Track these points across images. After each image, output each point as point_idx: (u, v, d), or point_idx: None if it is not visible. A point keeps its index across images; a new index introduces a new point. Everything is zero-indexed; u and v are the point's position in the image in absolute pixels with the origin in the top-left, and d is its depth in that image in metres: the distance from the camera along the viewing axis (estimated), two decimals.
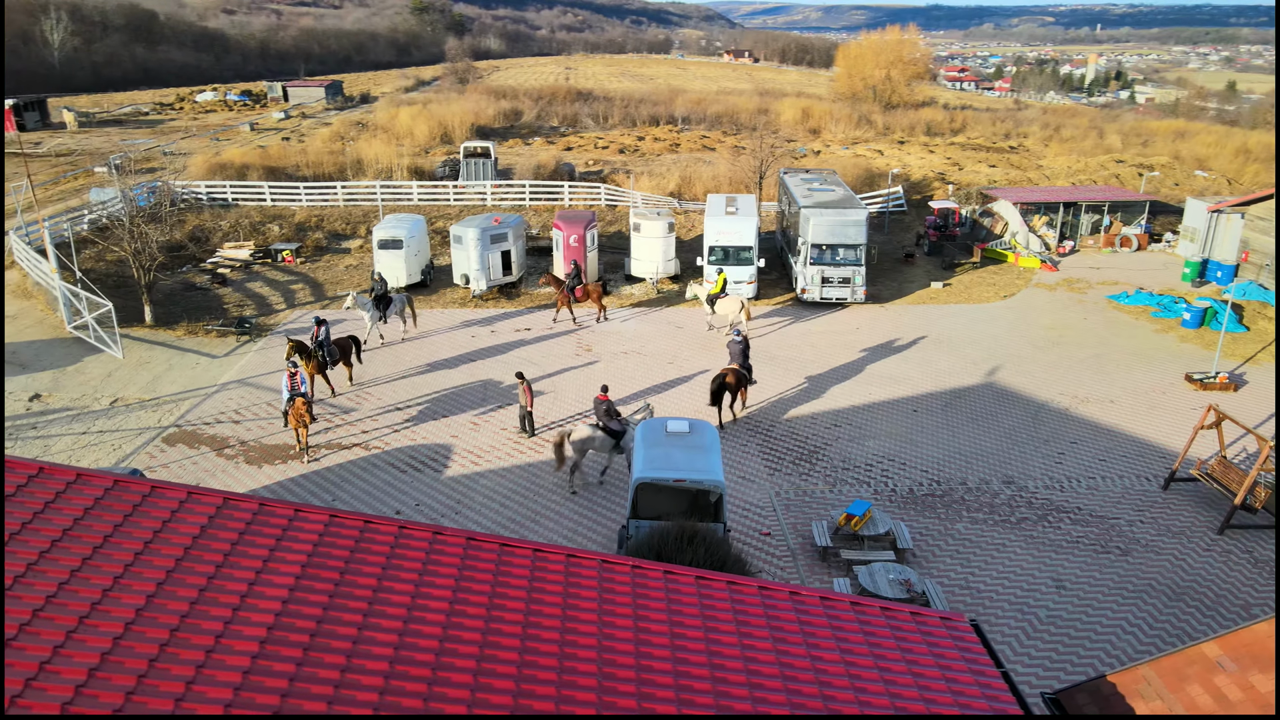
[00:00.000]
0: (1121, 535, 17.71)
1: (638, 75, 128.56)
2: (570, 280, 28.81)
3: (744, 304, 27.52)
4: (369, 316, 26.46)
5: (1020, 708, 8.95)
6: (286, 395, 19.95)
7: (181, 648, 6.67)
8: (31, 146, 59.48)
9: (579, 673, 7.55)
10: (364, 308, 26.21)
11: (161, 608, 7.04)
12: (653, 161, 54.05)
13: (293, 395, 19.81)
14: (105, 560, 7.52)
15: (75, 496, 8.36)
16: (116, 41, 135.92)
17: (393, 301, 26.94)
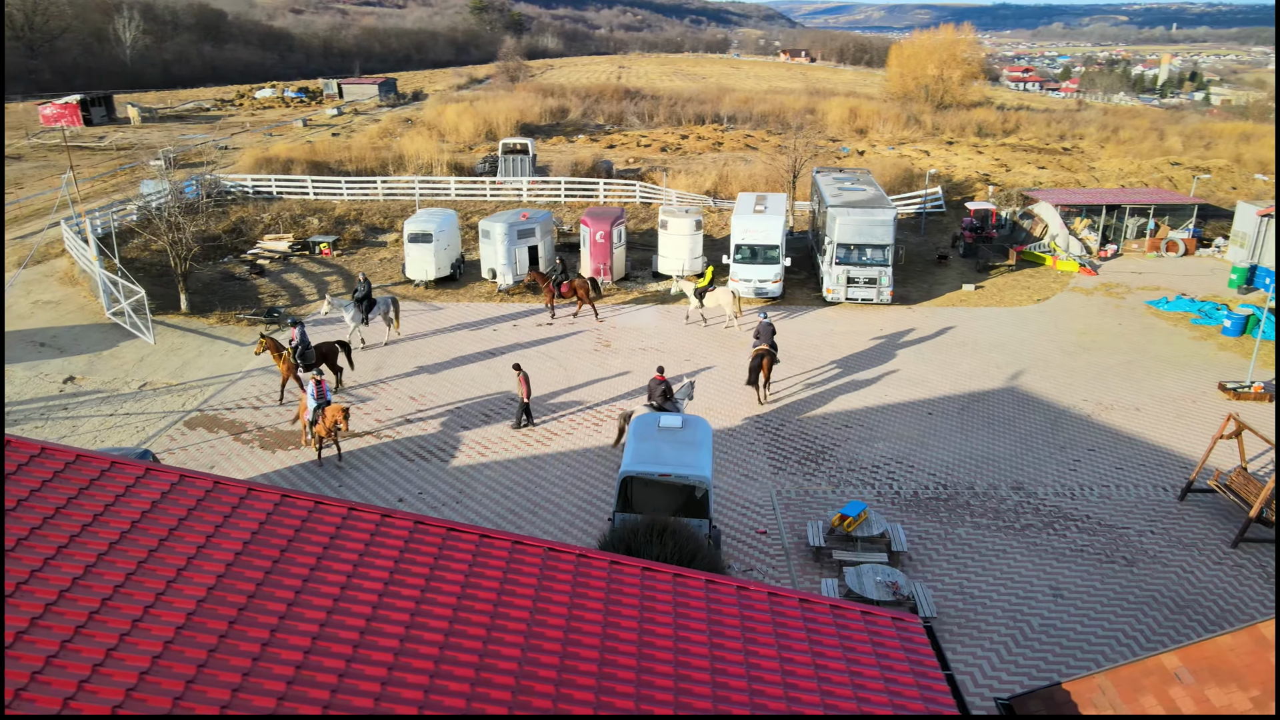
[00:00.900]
0: (1129, 545, 17.23)
1: (690, 74, 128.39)
2: (557, 276, 28.98)
3: (735, 296, 27.52)
4: (349, 318, 25.93)
5: (959, 710, 8.83)
6: (315, 403, 19.34)
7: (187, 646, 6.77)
8: (95, 140, 61.77)
9: (540, 664, 7.60)
10: (344, 309, 25.83)
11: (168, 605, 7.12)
12: (693, 160, 53.98)
13: (321, 403, 19.32)
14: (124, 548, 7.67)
15: (73, 477, 8.59)
16: (186, 40, 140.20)
17: (376, 304, 26.40)
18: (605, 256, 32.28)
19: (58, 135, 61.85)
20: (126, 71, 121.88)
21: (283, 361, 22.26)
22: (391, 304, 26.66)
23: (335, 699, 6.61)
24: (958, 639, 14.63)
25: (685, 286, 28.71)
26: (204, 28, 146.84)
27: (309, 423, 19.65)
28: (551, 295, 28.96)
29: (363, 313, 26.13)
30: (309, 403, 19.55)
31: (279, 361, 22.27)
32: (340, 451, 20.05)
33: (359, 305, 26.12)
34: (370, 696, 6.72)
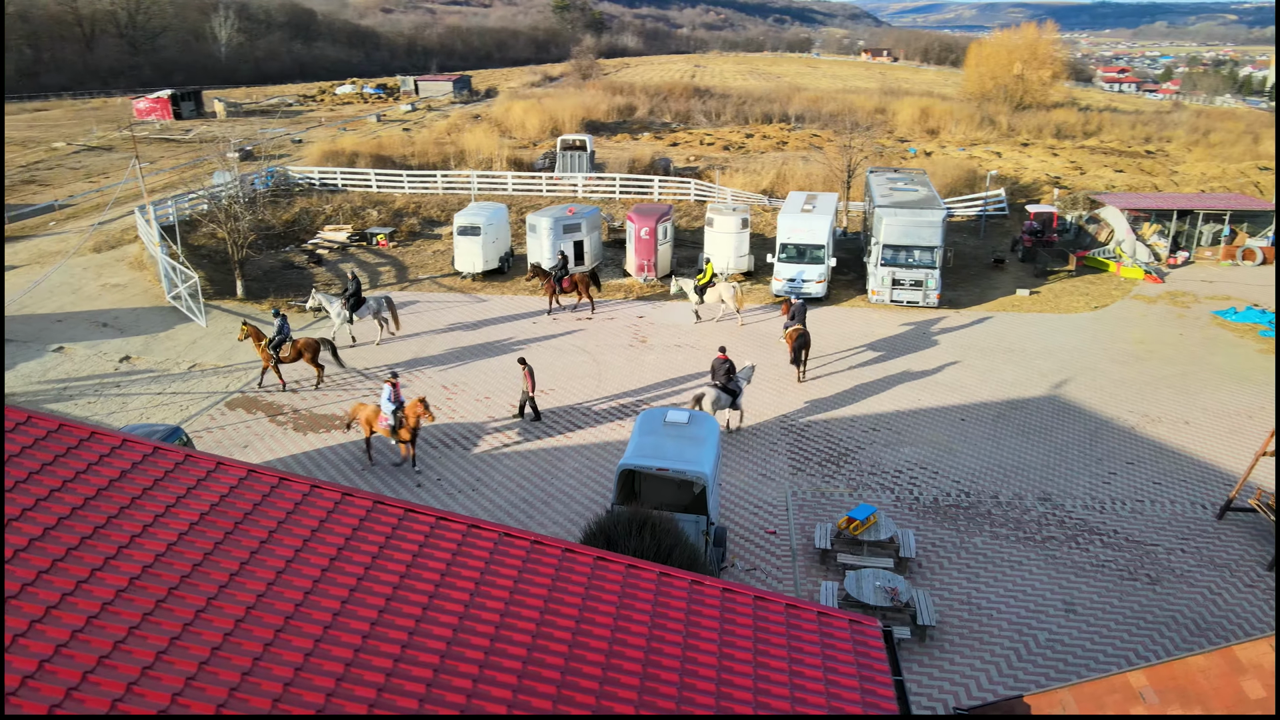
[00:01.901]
0: (1155, 563, 16.50)
1: (765, 73, 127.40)
2: (558, 271, 29.00)
3: (736, 290, 27.55)
4: (334, 314, 25.90)
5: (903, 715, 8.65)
6: (392, 406, 18.95)
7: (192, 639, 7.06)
8: (182, 133, 64.57)
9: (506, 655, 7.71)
10: (330, 305, 25.75)
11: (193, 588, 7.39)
12: (755, 159, 53.58)
13: (399, 404, 19.08)
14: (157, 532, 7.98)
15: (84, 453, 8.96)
16: (277, 38, 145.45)
17: (365, 303, 26.13)
18: (650, 253, 32.32)
19: (147, 128, 64.90)
20: (220, 68, 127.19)
21: (262, 350, 22.82)
22: (385, 303, 26.33)
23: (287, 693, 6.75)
24: (958, 649, 14.25)
25: (685, 284, 28.61)
26: (295, 26, 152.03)
27: (391, 428, 19.01)
28: (552, 291, 29.00)
29: (348, 310, 25.87)
30: (385, 406, 18.98)
31: (259, 349, 22.84)
32: (415, 457, 19.56)
33: (345, 302, 25.89)
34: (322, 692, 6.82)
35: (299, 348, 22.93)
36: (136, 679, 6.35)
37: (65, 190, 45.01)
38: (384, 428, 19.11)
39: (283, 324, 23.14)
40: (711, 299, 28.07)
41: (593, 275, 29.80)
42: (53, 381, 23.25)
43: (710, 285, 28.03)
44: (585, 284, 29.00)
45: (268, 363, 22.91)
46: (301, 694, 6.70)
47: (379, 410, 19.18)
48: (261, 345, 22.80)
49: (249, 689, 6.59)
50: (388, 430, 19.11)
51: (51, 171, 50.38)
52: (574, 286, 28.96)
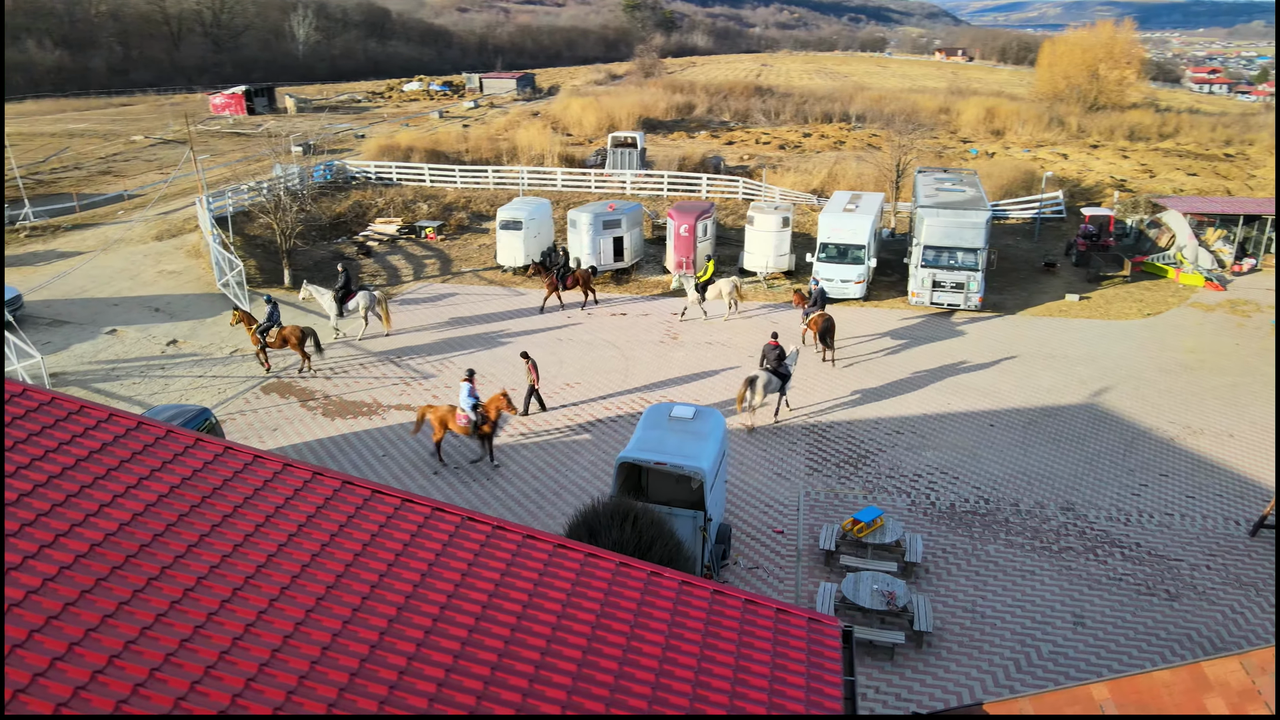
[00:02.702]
0: (1177, 579, 15.87)
1: (833, 73, 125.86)
2: (560, 269, 28.98)
3: (736, 286, 27.66)
4: (327, 306, 26.31)
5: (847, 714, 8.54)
6: (472, 401, 18.92)
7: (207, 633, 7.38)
8: (253, 128, 66.72)
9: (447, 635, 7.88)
10: (319, 295, 26.13)
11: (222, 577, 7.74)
12: (810, 158, 53.01)
13: (477, 401, 19.09)
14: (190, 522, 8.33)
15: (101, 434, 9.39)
16: (353, 37, 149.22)
17: (355, 296, 26.33)
18: (689, 250, 32.27)
19: (220, 122, 67.27)
20: (298, 65, 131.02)
21: (251, 334, 23.54)
22: (375, 300, 26.41)
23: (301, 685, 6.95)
24: (955, 656, 13.93)
25: (685, 281, 28.45)
26: (370, 25, 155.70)
27: (472, 425, 18.96)
28: (553, 288, 29.01)
29: (338, 303, 26.19)
30: (464, 403, 18.95)
31: (250, 333, 23.61)
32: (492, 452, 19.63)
33: (335, 295, 26.23)
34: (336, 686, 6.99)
35: (284, 334, 23.55)
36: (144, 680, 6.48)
37: (137, 181, 46.95)
38: (463, 425, 19.00)
39: (272, 310, 23.93)
40: (712, 295, 27.99)
41: (592, 270, 29.90)
42: (103, 362, 24.31)
43: (711, 282, 27.90)
44: (585, 279, 29.09)
45: (258, 346, 23.66)
46: (315, 688, 6.81)
47: (454, 409, 19.11)
48: (252, 330, 23.59)
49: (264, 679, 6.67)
50: (466, 428, 19.02)
51: (127, 163, 52.58)
52: (576, 283, 29.02)
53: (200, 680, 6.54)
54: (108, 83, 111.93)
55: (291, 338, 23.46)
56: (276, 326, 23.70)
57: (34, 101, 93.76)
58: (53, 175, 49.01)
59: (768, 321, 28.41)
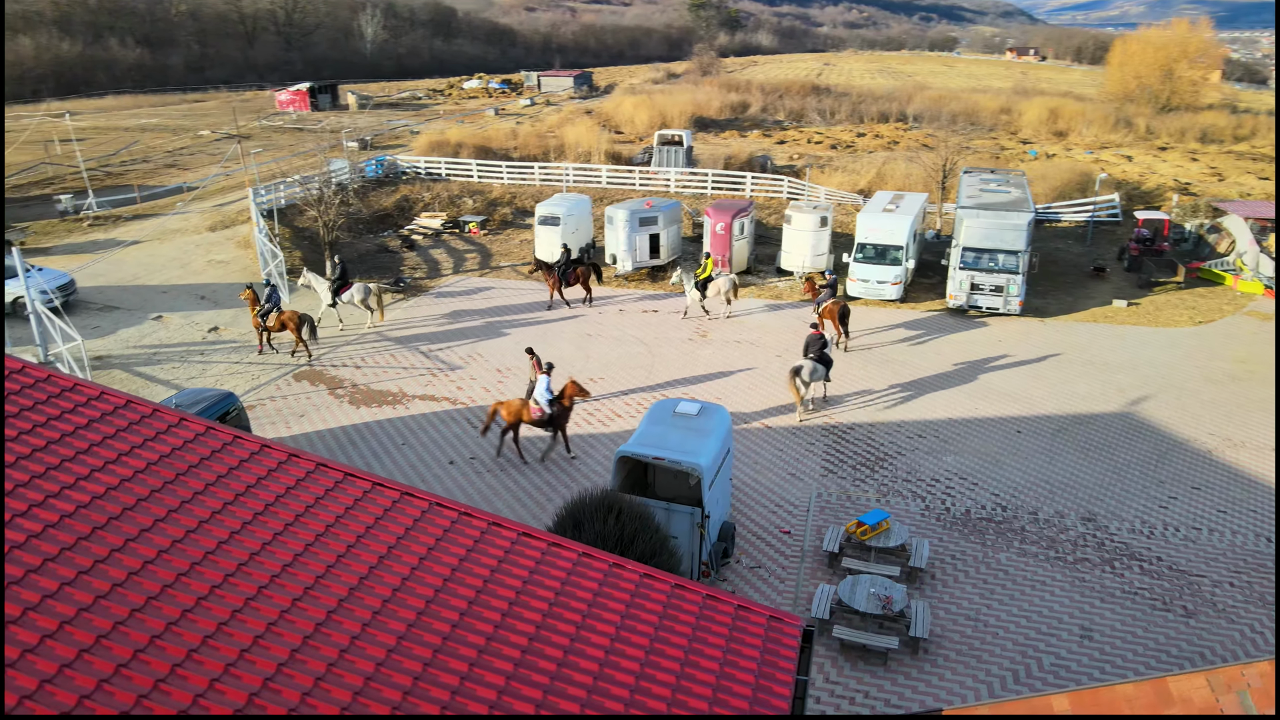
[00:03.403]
0: (1196, 595, 15.27)
1: (896, 72, 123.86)
2: (560, 266, 28.92)
3: (735, 283, 27.70)
4: (322, 295, 26.79)
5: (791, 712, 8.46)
6: (549, 396, 19.15)
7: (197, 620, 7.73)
8: (315, 124, 68.43)
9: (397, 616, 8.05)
10: (316, 284, 26.61)
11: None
12: (860, 158, 52.29)
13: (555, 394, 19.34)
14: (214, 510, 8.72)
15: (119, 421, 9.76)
16: (419, 35, 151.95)
17: (349, 288, 26.70)
18: (725, 248, 32.12)
19: (284, 118, 69.12)
20: (365, 63, 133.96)
21: (254, 315, 24.48)
22: (370, 293, 26.71)
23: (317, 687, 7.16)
24: (951, 665, 13.63)
25: (685, 279, 28.37)
26: (436, 24, 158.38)
27: (545, 418, 19.13)
28: (556, 285, 28.94)
29: (332, 293, 26.63)
30: (541, 396, 19.11)
31: (252, 314, 24.53)
32: (568, 442, 19.83)
33: (330, 285, 26.71)
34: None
35: (282, 319, 24.27)
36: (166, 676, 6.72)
37: (199, 174, 48.55)
38: (538, 417, 19.14)
39: (272, 293, 24.78)
40: (712, 293, 27.98)
41: (594, 266, 29.81)
42: (146, 346, 25.22)
43: (710, 280, 27.74)
44: (587, 277, 29.07)
45: (259, 326, 24.50)
46: (330, 690, 6.98)
47: (525, 402, 19.26)
48: (254, 311, 24.46)
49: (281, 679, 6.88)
50: (540, 420, 19.14)
51: (192, 157, 54.41)
52: (578, 280, 29.01)
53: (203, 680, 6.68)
54: (184, 79, 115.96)
55: (290, 322, 24.26)
56: (276, 310, 24.56)
57: (114, 97, 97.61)
58: (122, 167, 50.99)
59: (796, 320, 28.13)
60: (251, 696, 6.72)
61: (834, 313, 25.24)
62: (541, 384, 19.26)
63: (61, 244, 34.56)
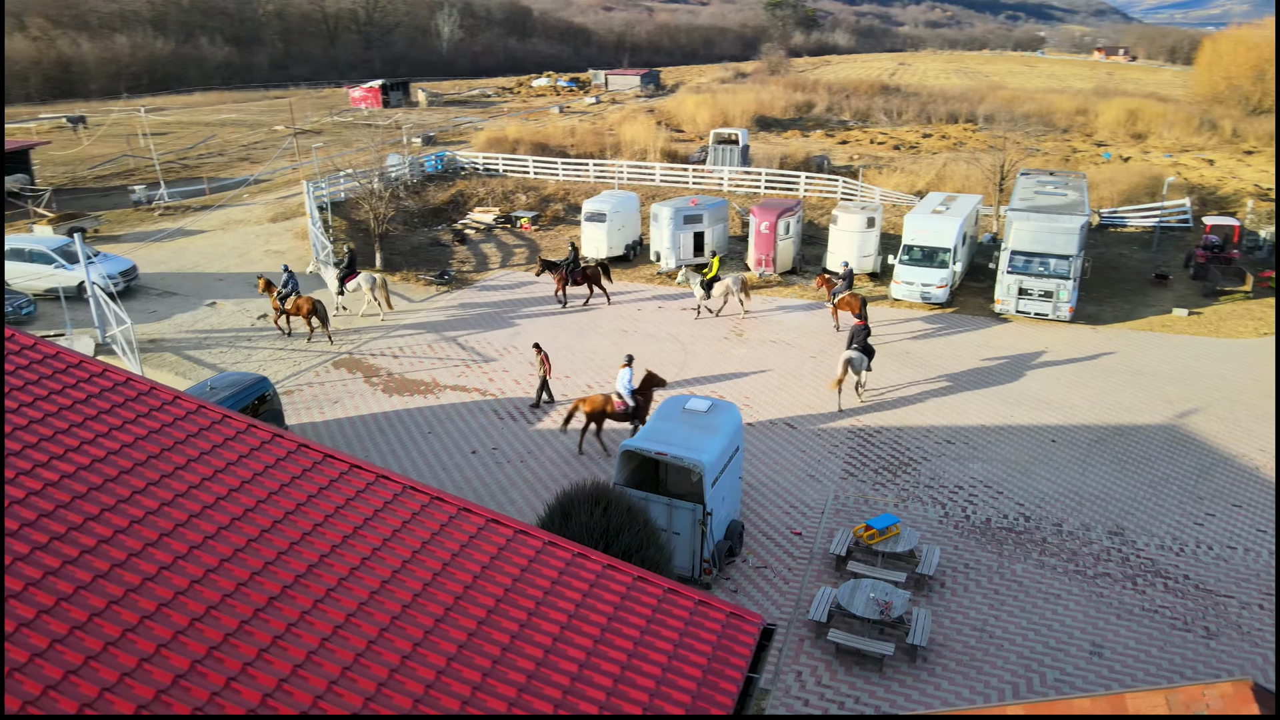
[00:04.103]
0: (1221, 616, 14.61)
1: (972, 72, 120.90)
2: (568, 266, 28.84)
3: (745, 282, 27.42)
4: (330, 284, 27.83)
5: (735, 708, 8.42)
6: (630, 389, 19.43)
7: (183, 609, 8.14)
8: (384, 120, 70.11)
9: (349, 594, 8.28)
10: (324, 271, 27.53)
11: None
12: (923, 159, 51.24)
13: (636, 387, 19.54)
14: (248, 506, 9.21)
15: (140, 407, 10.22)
16: (494, 34, 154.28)
17: (355, 277, 27.43)
18: (769, 248, 31.87)
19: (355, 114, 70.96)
20: (441, 61, 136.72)
21: (272, 299, 25.40)
22: (375, 284, 27.26)
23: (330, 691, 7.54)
24: (950, 674, 13.32)
25: (691, 277, 28.13)
26: (511, 23, 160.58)
27: (629, 410, 19.37)
28: (562, 283, 28.89)
29: (339, 281, 27.49)
30: (624, 389, 19.31)
31: (271, 298, 25.46)
32: None
33: (338, 274, 27.63)
34: None
35: (296, 304, 25.25)
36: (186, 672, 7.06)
37: (268, 167, 50.23)
38: (621, 410, 19.43)
39: (289, 279, 25.71)
40: (718, 292, 27.81)
41: (601, 265, 29.74)
42: (198, 331, 26.24)
43: (717, 279, 27.50)
44: (597, 277, 29.00)
45: (277, 310, 25.49)
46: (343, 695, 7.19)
47: (608, 397, 19.51)
48: (272, 295, 25.52)
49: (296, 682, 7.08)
50: (623, 412, 19.39)
51: (265, 150, 56.30)
52: (585, 279, 28.95)
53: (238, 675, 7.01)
54: (269, 77, 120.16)
55: (303, 308, 25.18)
56: (294, 295, 25.53)
57: (202, 94, 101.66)
58: (198, 160, 53.10)
59: (828, 318, 27.75)
60: (265, 697, 6.89)
61: (852, 304, 25.23)
62: (624, 376, 19.56)
63: (132, 232, 36.20)
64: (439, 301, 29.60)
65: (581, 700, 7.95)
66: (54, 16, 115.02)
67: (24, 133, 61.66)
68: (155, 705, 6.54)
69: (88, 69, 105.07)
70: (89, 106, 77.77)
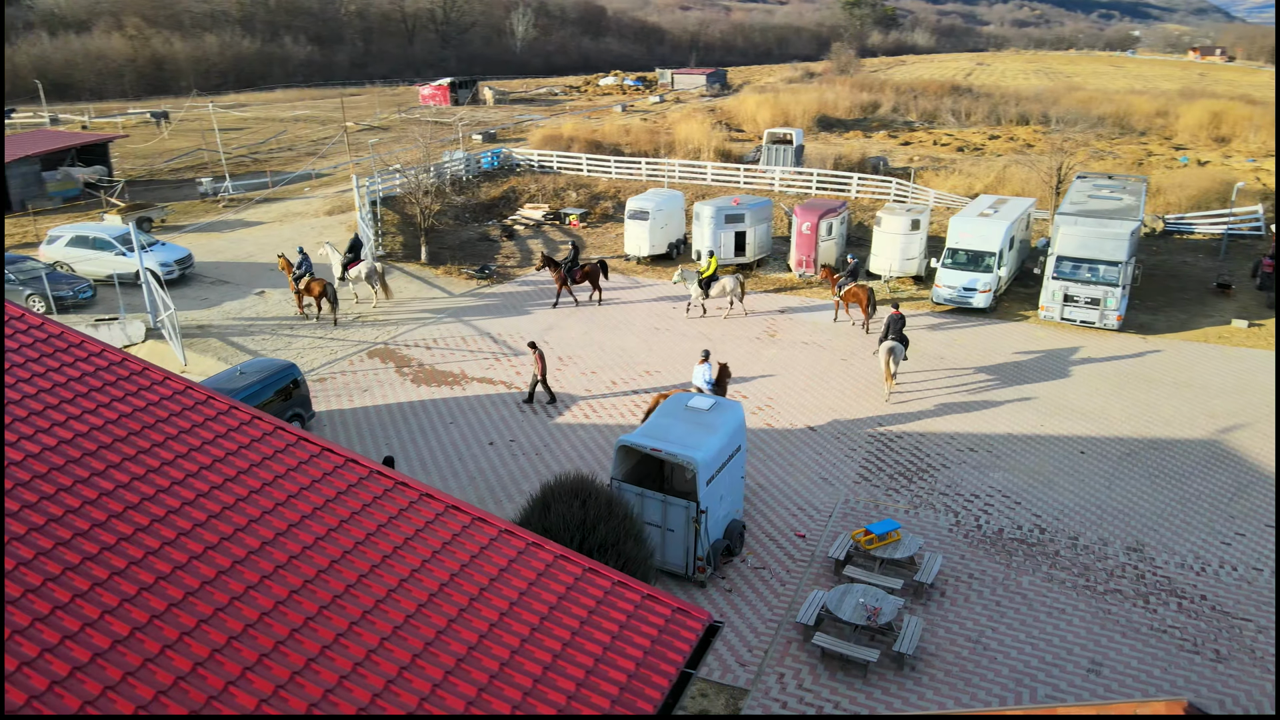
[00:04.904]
0: (1235, 640, 13.97)
1: (1054, 73, 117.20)
2: (568, 264, 28.68)
3: (740, 282, 27.28)
4: (335, 269, 28.91)
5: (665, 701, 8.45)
6: (710, 382, 19.88)
7: None
8: (448, 117, 71.46)
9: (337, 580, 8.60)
10: (333, 255, 28.81)
11: None
12: (980, 161, 49.94)
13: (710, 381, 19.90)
14: None
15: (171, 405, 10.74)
16: (568, 33, 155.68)
17: (357, 265, 28.36)
18: (810, 248, 31.54)
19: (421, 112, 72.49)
20: (515, 60, 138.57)
21: (290, 280, 26.79)
22: (375, 271, 28.20)
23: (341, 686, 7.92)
24: (937, 685, 13.04)
25: (687, 278, 27.99)
26: (585, 22, 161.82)
27: None
28: (562, 282, 28.78)
29: (342, 267, 28.59)
30: (704, 385, 19.79)
31: (289, 278, 26.86)
32: None
33: (342, 260, 28.66)
34: None
35: (308, 284, 26.60)
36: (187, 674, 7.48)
37: (331, 161, 51.72)
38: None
39: (303, 260, 26.92)
40: (716, 292, 27.72)
41: (601, 264, 29.64)
42: (244, 318, 27.23)
43: (714, 279, 27.19)
44: (595, 274, 28.87)
45: (293, 290, 26.86)
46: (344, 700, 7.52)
47: (687, 389, 19.86)
48: (290, 276, 26.83)
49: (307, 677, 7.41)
50: None
51: (334, 146, 57.96)
52: (585, 278, 28.85)
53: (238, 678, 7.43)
54: (348, 75, 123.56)
55: (314, 289, 26.43)
56: (308, 276, 26.73)
57: (283, 90, 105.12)
58: (268, 155, 54.98)
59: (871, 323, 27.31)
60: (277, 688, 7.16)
61: (859, 296, 26.02)
62: (703, 371, 19.94)
63: (195, 222, 37.73)
64: (478, 295, 30.09)
65: (508, 685, 8.07)
66: (150, 16, 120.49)
67: (112, 127, 64.70)
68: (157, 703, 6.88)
69: (179, 66, 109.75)
70: (174, 103, 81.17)
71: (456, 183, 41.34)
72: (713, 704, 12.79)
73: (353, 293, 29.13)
